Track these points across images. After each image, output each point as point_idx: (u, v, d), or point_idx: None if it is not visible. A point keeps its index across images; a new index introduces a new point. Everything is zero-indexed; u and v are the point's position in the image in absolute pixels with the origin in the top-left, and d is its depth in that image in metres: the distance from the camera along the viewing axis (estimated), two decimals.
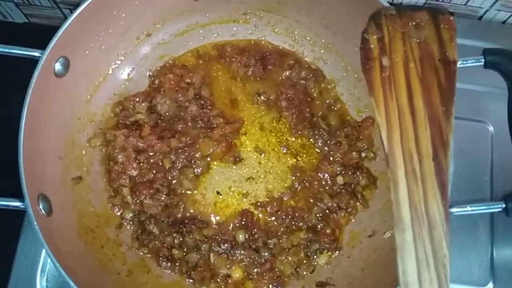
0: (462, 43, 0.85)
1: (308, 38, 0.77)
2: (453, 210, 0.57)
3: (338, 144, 0.73)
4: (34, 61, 0.60)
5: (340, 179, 0.72)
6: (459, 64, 0.61)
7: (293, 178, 0.73)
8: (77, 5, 0.61)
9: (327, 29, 0.75)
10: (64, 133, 0.68)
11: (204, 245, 0.69)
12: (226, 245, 0.70)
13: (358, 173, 0.72)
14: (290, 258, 0.70)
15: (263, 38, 0.79)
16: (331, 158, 0.73)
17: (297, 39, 0.78)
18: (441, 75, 0.53)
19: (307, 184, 0.73)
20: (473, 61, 0.61)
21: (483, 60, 0.60)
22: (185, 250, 0.69)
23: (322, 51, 0.77)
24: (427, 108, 0.52)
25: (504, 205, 0.56)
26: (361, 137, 0.73)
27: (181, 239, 0.69)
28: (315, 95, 0.77)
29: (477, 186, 0.79)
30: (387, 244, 0.66)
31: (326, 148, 0.74)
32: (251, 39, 0.78)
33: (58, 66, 0.62)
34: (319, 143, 0.74)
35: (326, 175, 0.72)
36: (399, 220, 0.49)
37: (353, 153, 0.73)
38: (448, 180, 0.52)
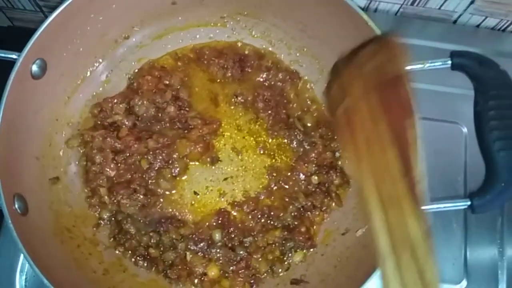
0: (437, 46, 0.88)
1: (284, 42, 0.79)
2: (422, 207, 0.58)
3: (313, 144, 0.74)
4: (13, 63, 0.60)
5: (315, 179, 0.73)
6: (427, 66, 0.63)
7: (269, 178, 0.74)
8: None
9: (303, 33, 0.76)
10: (41, 134, 0.69)
11: (180, 244, 0.70)
12: (202, 244, 0.71)
13: (332, 172, 0.73)
14: (265, 256, 0.71)
15: (240, 40, 0.80)
16: (306, 158, 0.74)
17: (273, 42, 0.79)
18: (398, 91, 0.55)
19: (282, 184, 0.74)
20: (441, 63, 0.62)
21: (450, 62, 0.62)
22: (161, 249, 0.70)
23: (298, 54, 0.79)
24: (391, 127, 0.53)
25: (469, 202, 0.57)
26: (335, 138, 0.74)
27: (158, 238, 0.70)
28: (291, 96, 0.78)
29: (451, 185, 0.81)
30: (359, 242, 0.67)
31: (301, 148, 0.75)
32: (229, 41, 0.79)
33: (35, 68, 0.63)
34: (294, 144, 0.75)
35: (302, 175, 0.74)
36: (378, 250, 0.49)
37: (327, 153, 0.74)
38: (425, 190, 0.52)
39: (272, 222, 0.73)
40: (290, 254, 0.72)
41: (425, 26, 0.90)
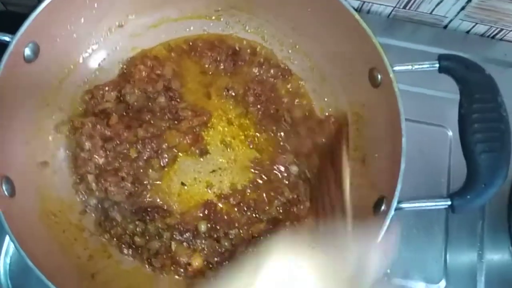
0: (428, 50, 0.89)
1: (276, 38, 0.79)
2: (402, 205, 0.59)
3: (297, 134, 0.76)
4: (5, 46, 0.61)
5: (293, 169, 0.74)
6: (415, 68, 0.64)
7: (256, 172, 0.75)
8: None
9: (295, 30, 0.77)
10: (31, 118, 0.69)
11: (166, 234, 0.71)
12: (187, 234, 0.71)
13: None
14: (250, 249, 0.72)
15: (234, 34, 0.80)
16: (285, 149, 0.75)
17: (266, 38, 0.80)
18: None
19: (265, 177, 0.75)
20: (428, 65, 0.63)
21: (437, 64, 0.63)
22: (147, 238, 0.71)
23: (289, 51, 0.80)
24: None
25: (450, 202, 0.59)
26: (321, 132, 0.76)
27: (143, 227, 0.71)
28: (282, 92, 0.79)
29: (435, 186, 0.82)
30: None
31: (287, 140, 0.76)
32: (222, 34, 0.80)
33: (27, 51, 0.63)
34: (281, 137, 0.76)
35: (281, 166, 0.75)
36: None
37: (307, 139, 0.75)
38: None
39: (257, 215, 0.73)
40: None
41: (416, 30, 0.92)
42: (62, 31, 0.69)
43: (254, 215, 0.74)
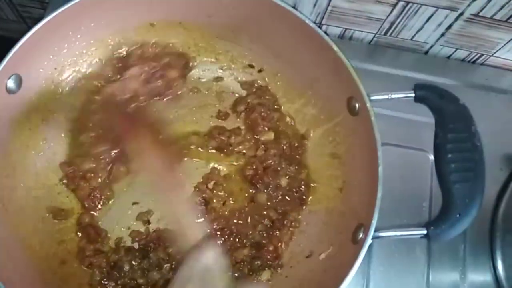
0: (410, 75, 0.91)
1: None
2: (380, 234, 0.60)
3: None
4: None
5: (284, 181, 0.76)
6: (391, 97, 0.65)
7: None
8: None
9: (277, 58, 0.79)
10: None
11: (166, 265, 0.72)
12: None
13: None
14: (234, 274, 0.72)
15: None
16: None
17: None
18: None
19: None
20: (404, 95, 0.64)
21: (413, 94, 0.64)
22: (147, 272, 0.71)
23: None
24: None
25: (425, 231, 0.59)
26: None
27: (146, 262, 0.72)
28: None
29: (416, 211, 0.83)
30: (321, 265, 0.69)
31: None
32: None
33: (10, 83, 0.64)
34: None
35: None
36: None
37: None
38: None
39: (240, 241, 0.74)
40: (257, 273, 0.73)
41: (397, 56, 0.93)
42: (46, 61, 0.70)
43: (237, 240, 0.74)
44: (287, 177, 0.76)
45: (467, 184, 0.59)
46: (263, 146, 0.78)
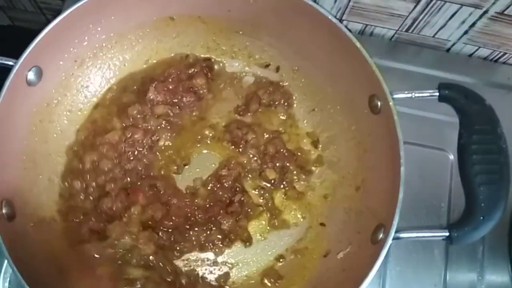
0: (431, 73, 0.89)
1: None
2: (401, 235, 0.59)
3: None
4: (9, 69, 0.61)
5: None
6: (415, 96, 0.64)
7: None
8: (59, 12, 0.64)
9: (296, 54, 0.77)
10: (28, 142, 0.69)
11: None
12: None
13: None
14: None
15: None
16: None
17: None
18: None
19: None
20: (428, 94, 0.63)
21: (437, 93, 0.63)
22: None
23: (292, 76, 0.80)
24: None
25: (448, 234, 0.58)
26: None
27: None
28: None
29: (435, 212, 0.82)
30: (339, 265, 0.68)
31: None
32: None
33: (30, 75, 0.64)
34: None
35: None
36: None
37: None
38: None
39: None
40: None
41: (419, 53, 0.92)
42: (66, 54, 0.70)
43: None
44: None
45: (492, 187, 0.58)
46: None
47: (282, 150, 0.77)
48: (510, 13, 0.79)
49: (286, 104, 0.80)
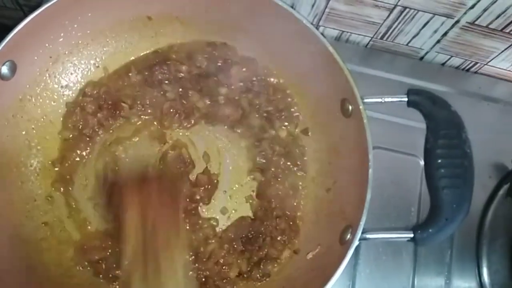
0: (404, 81, 0.91)
1: None
2: (367, 235, 0.60)
3: None
4: None
5: None
6: (384, 101, 0.66)
7: None
8: None
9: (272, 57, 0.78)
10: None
11: None
12: None
13: None
14: None
15: None
16: None
17: None
18: None
19: None
20: (397, 99, 0.65)
21: (406, 99, 0.64)
22: None
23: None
24: None
25: (412, 235, 0.60)
26: None
27: None
28: None
29: (405, 216, 0.83)
30: (308, 265, 0.69)
31: None
32: None
33: (4, 70, 0.64)
34: None
35: None
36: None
37: None
38: None
39: None
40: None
41: (393, 60, 0.94)
42: (41, 49, 0.70)
43: None
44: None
45: (456, 190, 0.59)
46: None
47: None
48: (481, 23, 0.81)
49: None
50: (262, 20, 0.73)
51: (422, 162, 0.86)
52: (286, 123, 0.79)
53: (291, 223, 0.74)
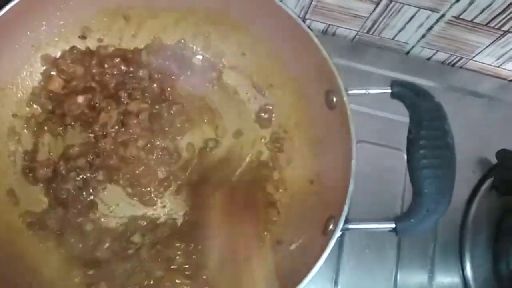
0: (390, 75, 0.91)
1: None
2: (349, 226, 0.60)
3: None
4: None
5: None
6: (369, 92, 0.66)
7: None
8: None
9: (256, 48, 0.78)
10: None
11: None
12: None
13: None
14: None
15: None
16: None
17: None
18: None
19: None
20: (381, 90, 0.65)
21: (390, 90, 0.65)
22: None
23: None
24: None
25: (394, 225, 0.60)
26: None
27: None
28: None
29: (389, 209, 0.84)
30: (290, 255, 0.69)
31: None
32: None
33: None
34: None
35: None
36: None
37: None
38: None
39: None
40: None
41: (379, 54, 0.94)
42: (23, 38, 0.69)
43: None
44: None
45: (437, 181, 0.59)
46: None
47: None
48: (466, 18, 0.81)
49: None
50: (247, 10, 0.73)
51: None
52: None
53: None
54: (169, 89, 0.78)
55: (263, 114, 0.80)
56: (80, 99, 0.73)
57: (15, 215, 0.69)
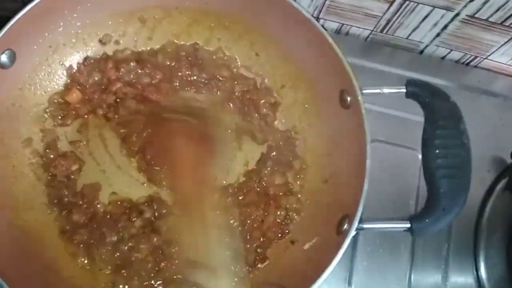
0: (404, 74, 0.91)
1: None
2: (364, 225, 0.61)
3: None
4: None
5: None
6: (384, 91, 0.66)
7: None
8: None
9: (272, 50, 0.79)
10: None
11: None
12: None
13: None
14: None
15: None
16: None
17: None
18: None
19: None
20: (396, 90, 0.65)
21: (404, 90, 0.65)
22: None
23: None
24: None
25: (409, 225, 0.60)
26: None
27: None
28: None
29: (403, 208, 0.83)
30: (305, 255, 0.69)
31: None
32: None
33: (3, 58, 0.64)
34: None
35: None
36: None
37: None
38: None
39: None
40: None
41: (393, 54, 0.94)
42: (40, 39, 0.70)
43: None
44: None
45: (453, 180, 0.59)
46: None
47: None
48: (481, 17, 0.81)
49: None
50: (261, 11, 0.73)
51: (420, 156, 0.85)
52: None
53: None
54: None
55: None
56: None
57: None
